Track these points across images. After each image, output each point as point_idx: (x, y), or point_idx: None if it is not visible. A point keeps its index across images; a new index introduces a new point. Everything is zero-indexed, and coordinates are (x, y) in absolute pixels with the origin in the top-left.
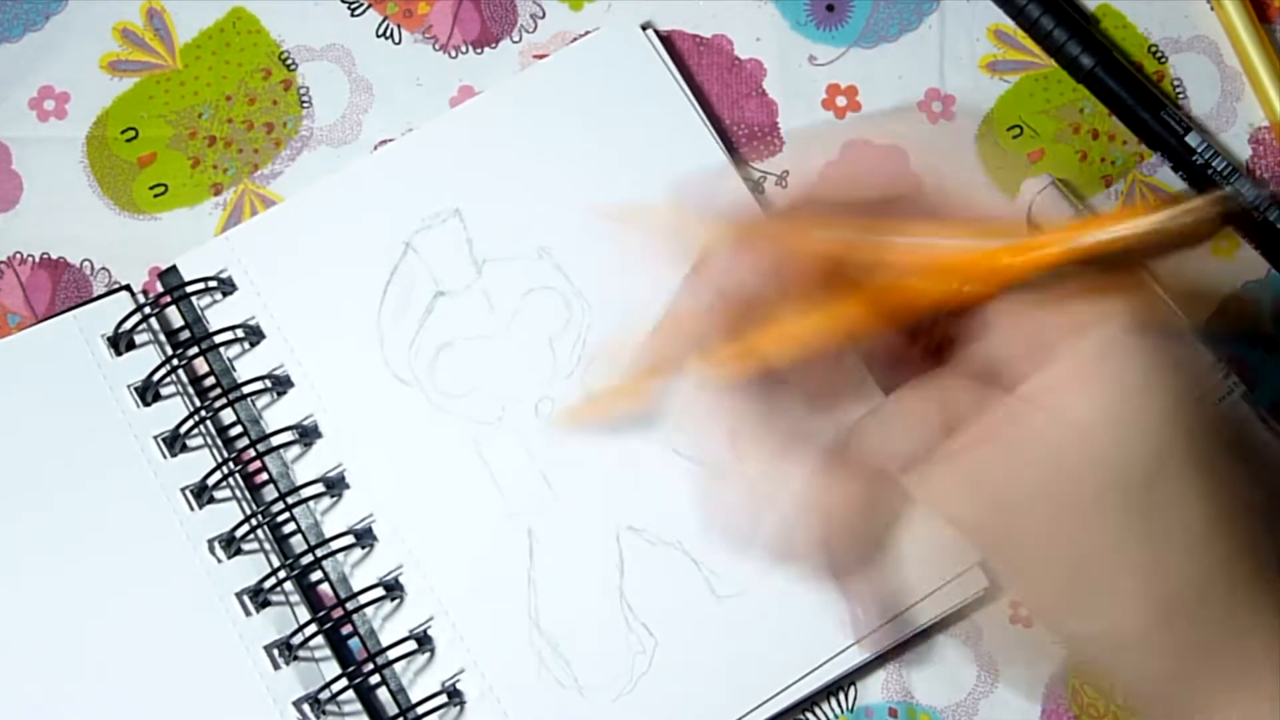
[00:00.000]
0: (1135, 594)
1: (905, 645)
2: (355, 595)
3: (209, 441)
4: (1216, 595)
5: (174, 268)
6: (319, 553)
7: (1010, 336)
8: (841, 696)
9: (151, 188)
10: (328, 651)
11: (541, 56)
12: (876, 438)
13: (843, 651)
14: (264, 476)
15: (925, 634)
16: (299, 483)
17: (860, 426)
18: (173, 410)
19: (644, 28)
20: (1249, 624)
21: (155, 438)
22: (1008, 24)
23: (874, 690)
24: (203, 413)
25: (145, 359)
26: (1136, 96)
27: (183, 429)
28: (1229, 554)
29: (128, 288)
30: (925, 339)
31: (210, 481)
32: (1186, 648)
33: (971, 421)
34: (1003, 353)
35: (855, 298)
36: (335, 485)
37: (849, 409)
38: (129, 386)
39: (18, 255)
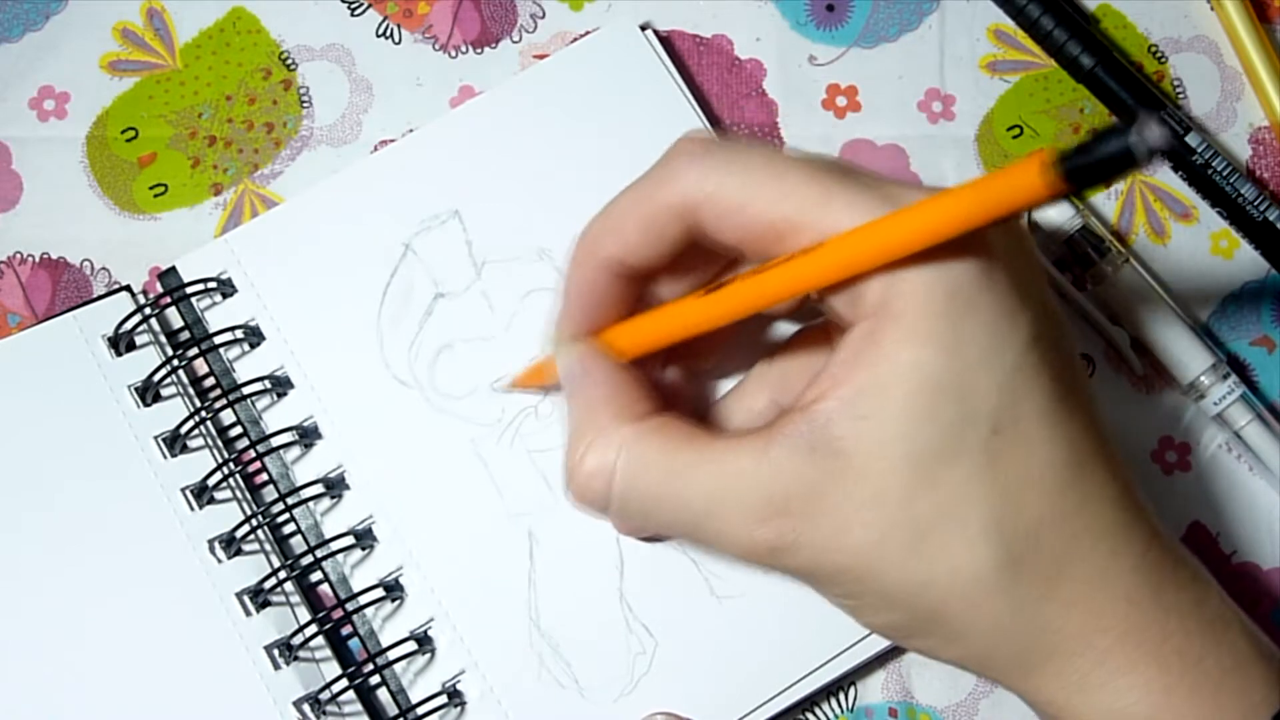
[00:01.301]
0: (983, 532)
1: None
2: (355, 596)
3: (209, 442)
4: (1072, 536)
5: (173, 269)
6: (319, 553)
7: (851, 293)
8: (841, 696)
9: (151, 188)
10: (328, 652)
11: (541, 56)
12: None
13: (843, 652)
14: (264, 477)
15: None
16: (299, 484)
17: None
18: (173, 411)
19: (643, 28)
20: (1098, 573)
21: (155, 438)
22: (1008, 24)
23: (874, 690)
24: (203, 413)
25: (145, 359)
26: (1136, 96)
27: (183, 429)
28: (1083, 497)
29: (128, 288)
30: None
31: (211, 482)
32: (1037, 591)
33: (818, 377)
34: (844, 309)
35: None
36: (335, 486)
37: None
38: (129, 387)
39: (18, 255)
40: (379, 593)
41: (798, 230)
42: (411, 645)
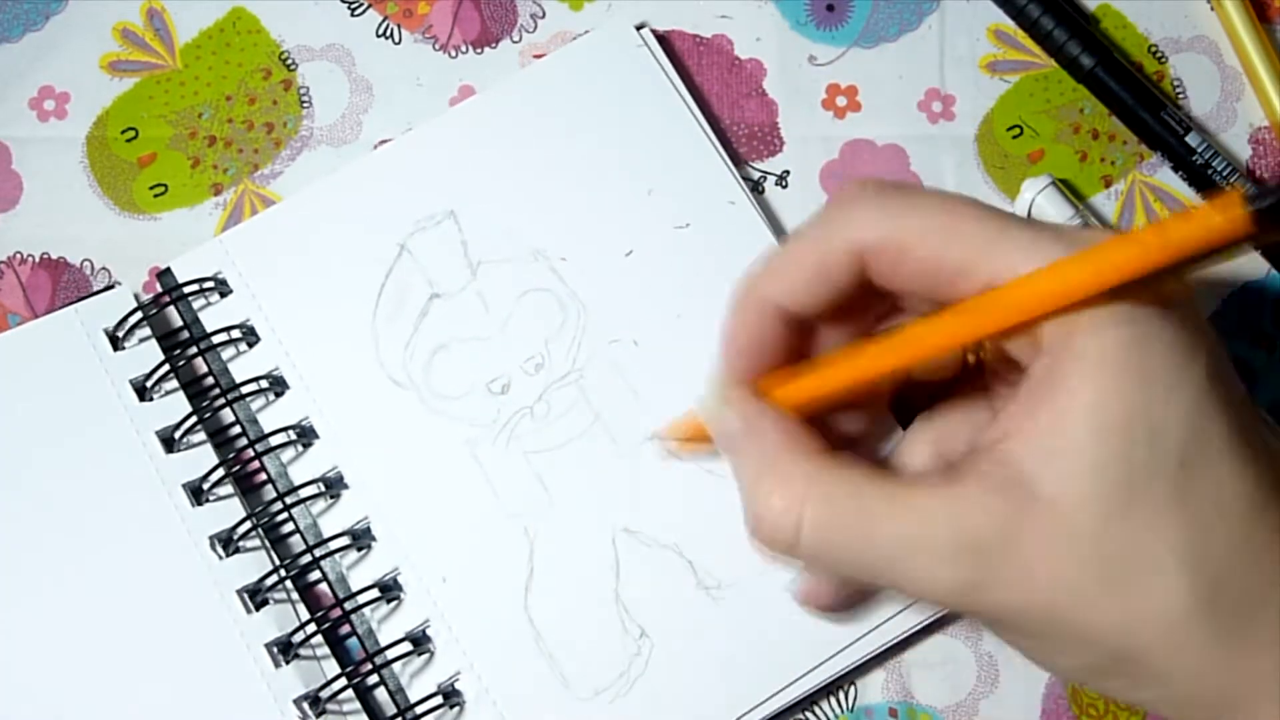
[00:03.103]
0: (1177, 573)
1: (905, 645)
2: (353, 595)
3: (208, 440)
4: (1264, 573)
5: (169, 270)
6: (317, 553)
7: (1030, 336)
8: (841, 696)
9: (151, 188)
10: (327, 650)
11: (541, 56)
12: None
13: (841, 650)
14: (262, 477)
15: (925, 633)
16: (296, 483)
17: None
18: (173, 406)
19: (639, 27)
20: None
21: (156, 433)
22: (1008, 24)
23: (874, 690)
24: (202, 412)
25: (146, 354)
26: (1136, 96)
27: (182, 427)
28: (1271, 537)
29: (112, 287)
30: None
31: (210, 480)
32: (1231, 629)
33: (998, 417)
34: (1018, 348)
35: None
36: (333, 486)
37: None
38: (129, 381)
39: (18, 255)
40: (376, 593)
41: (972, 273)
42: (408, 645)
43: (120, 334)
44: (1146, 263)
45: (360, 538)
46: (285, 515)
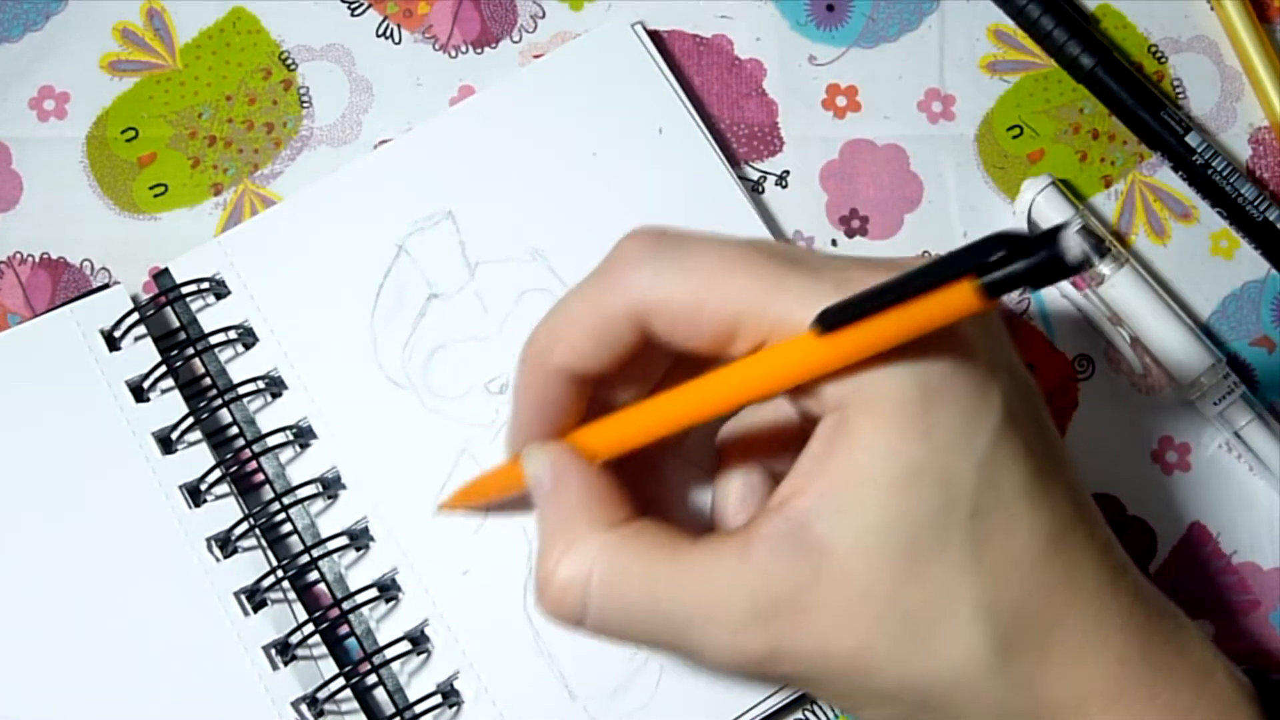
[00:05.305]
0: (973, 622)
1: None
2: (351, 595)
3: (205, 441)
4: (1055, 608)
5: (166, 271)
6: (315, 553)
7: (817, 390)
8: None
9: (151, 188)
10: (325, 651)
11: (541, 57)
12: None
13: None
14: (259, 477)
15: None
16: (294, 484)
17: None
18: (170, 407)
19: (633, 25)
20: (1088, 639)
21: (152, 434)
22: (1008, 24)
23: None
24: (200, 413)
25: (142, 355)
26: (1136, 96)
27: (179, 428)
28: (1068, 566)
29: (108, 286)
30: None
31: (208, 481)
32: (1028, 667)
33: (791, 472)
34: (809, 401)
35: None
36: (331, 486)
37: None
38: (126, 382)
39: (18, 255)
40: (374, 592)
41: (749, 326)
42: (407, 645)
43: (117, 334)
44: (895, 339)
45: (358, 538)
46: (283, 516)
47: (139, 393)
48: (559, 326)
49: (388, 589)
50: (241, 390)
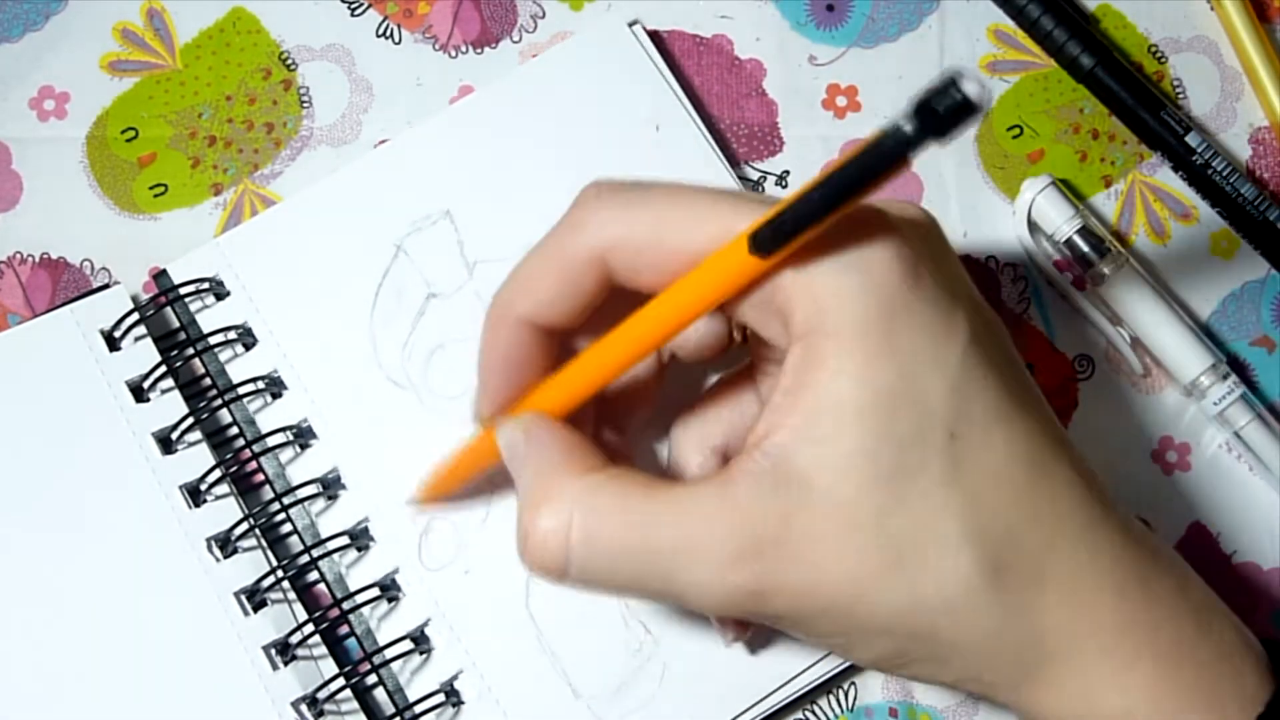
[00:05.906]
0: (960, 546)
1: None
2: (351, 595)
3: (205, 441)
4: (1045, 531)
5: (165, 272)
6: (315, 553)
7: (779, 318)
8: (841, 696)
9: (151, 188)
10: (325, 651)
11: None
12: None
13: None
14: (259, 478)
15: None
16: (294, 484)
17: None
18: (170, 407)
19: (630, 25)
20: (1082, 569)
21: (152, 434)
22: (1008, 24)
23: (874, 690)
24: (200, 414)
25: (142, 355)
26: (1136, 96)
27: (179, 428)
28: (1053, 494)
29: (108, 286)
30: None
31: (208, 481)
32: (1021, 591)
33: (765, 408)
34: (775, 335)
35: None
36: (331, 486)
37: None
38: (126, 382)
39: (18, 255)
40: (375, 592)
41: (690, 255)
42: (408, 645)
43: (117, 334)
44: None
45: (359, 538)
46: (283, 516)
47: (139, 393)
48: (521, 277)
49: (388, 589)
50: (241, 390)
